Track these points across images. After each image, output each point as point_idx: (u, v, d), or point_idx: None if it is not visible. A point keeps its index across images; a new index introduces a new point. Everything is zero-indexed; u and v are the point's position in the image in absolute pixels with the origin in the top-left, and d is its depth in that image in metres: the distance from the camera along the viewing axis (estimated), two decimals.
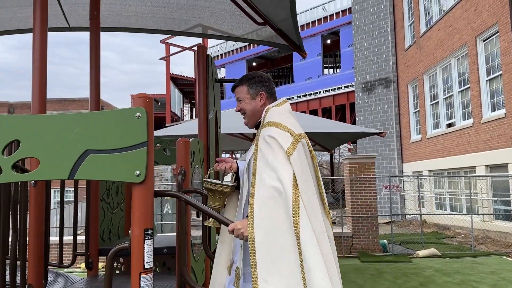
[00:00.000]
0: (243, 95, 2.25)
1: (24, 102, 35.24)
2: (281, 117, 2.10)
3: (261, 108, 2.22)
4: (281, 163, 1.90)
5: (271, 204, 1.82)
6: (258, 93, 2.24)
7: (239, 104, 2.28)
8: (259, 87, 2.25)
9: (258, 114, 2.23)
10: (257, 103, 2.23)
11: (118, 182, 3.35)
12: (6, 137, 1.48)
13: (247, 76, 2.31)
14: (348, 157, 8.49)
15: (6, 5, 4.25)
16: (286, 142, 1.95)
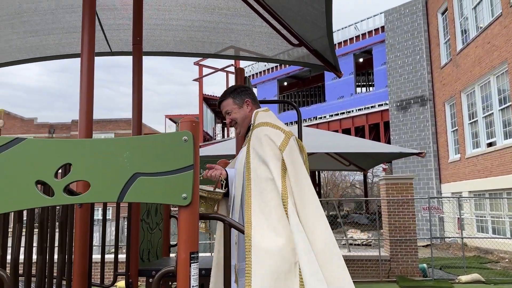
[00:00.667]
0: (230, 107, 2.42)
1: (64, 123, 36.69)
2: (271, 119, 2.31)
3: (249, 114, 2.40)
4: (271, 157, 2.03)
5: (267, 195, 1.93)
6: (244, 101, 2.42)
7: (228, 117, 2.43)
8: (243, 95, 2.43)
9: (248, 120, 2.40)
10: (245, 110, 2.41)
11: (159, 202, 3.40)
12: (59, 161, 1.53)
13: (229, 89, 2.49)
14: (385, 177, 8.30)
15: (53, 32, 4.47)
16: (279, 139, 2.11)
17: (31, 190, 1.52)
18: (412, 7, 19.00)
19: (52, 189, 1.52)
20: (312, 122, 23.80)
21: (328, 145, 5.93)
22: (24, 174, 1.53)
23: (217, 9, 4.16)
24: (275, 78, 27.63)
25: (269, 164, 2.01)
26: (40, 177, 1.52)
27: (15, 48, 4.60)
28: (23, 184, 1.52)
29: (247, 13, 4.17)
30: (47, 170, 1.53)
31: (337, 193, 44.18)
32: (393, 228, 8.33)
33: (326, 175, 42.25)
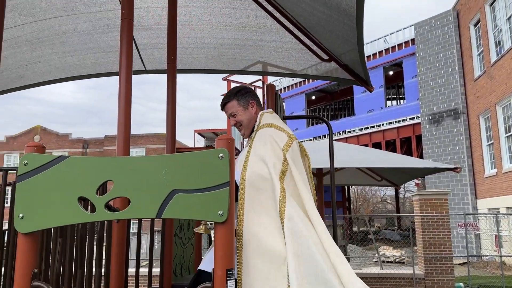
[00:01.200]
0: (235, 109, 2.36)
1: (97, 138, 37.75)
2: (275, 121, 2.29)
3: (255, 115, 2.36)
4: (271, 157, 2.00)
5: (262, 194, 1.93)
6: (249, 103, 2.37)
7: (233, 119, 2.39)
8: (248, 97, 2.38)
9: (253, 122, 2.36)
10: (250, 112, 2.36)
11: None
12: (100, 178, 1.59)
13: (233, 91, 2.42)
14: (419, 192, 8.10)
15: (90, 51, 4.66)
16: (282, 141, 2.10)
17: (73, 206, 1.57)
18: (443, 19, 18.71)
19: (94, 205, 1.57)
20: (341, 136, 23.57)
21: (360, 160, 5.85)
22: (67, 190, 1.59)
23: (247, 27, 4.23)
24: (303, 92, 27.62)
25: (268, 164, 1.98)
26: (83, 193, 1.58)
27: (54, 67, 4.81)
28: (66, 200, 1.58)
29: (277, 30, 4.22)
30: (89, 186, 1.58)
31: (368, 209, 43.33)
32: (428, 246, 8.09)
33: (356, 190, 41.59)
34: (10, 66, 4.77)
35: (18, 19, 4.32)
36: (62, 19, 4.29)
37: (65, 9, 4.19)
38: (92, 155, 36.31)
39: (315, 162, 6.08)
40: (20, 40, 4.53)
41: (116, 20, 4.27)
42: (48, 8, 4.18)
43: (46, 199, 1.58)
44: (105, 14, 4.21)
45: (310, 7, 3.53)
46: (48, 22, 4.33)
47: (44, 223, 1.59)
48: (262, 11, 4.04)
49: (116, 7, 4.16)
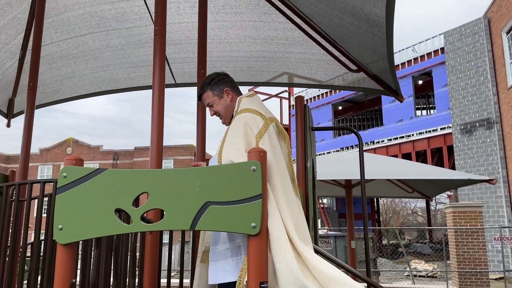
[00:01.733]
0: (210, 99, 2.35)
1: (127, 150, 38.55)
2: (253, 104, 2.23)
3: (231, 103, 2.33)
4: (244, 145, 1.96)
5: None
6: (223, 91, 2.34)
7: (211, 109, 2.37)
8: (221, 85, 2.36)
9: (231, 109, 2.32)
10: (226, 100, 2.34)
11: None
12: (136, 190, 1.62)
13: (206, 81, 2.41)
14: (452, 205, 7.86)
15: (122, 66, 4.79)
16: (257, 127, 2.06)
17: (110, 218, 1.61)
18: (474, 27, 18.30)
19: (130, 217, 1.61)
20: (370, 147, 23.23)
21: (391, 171, 5.75)
22: (104, 202, 1.63)
23: (275, 39, 4.27)
24: (330, 103, 27.45)
25: (242, 152, 1.92)
26: (119, 205, 1.62)
27: (88, 82, 4.97)
28: (103, 212, 1.62)
29: (305, 42, 4.23)
30: (125, 198, 1.62)
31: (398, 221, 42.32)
32: (462, 260, 7.83)
33: (386, 202, 40.75)
34: (46, 81, 4.96)
35: (55, 36, 4.50)
36: (96, 35, 4.44)
37: (99, 26, 4.34)
38: (122, 166, 37.07)
39: (344, 174, 6.02)
40: (56, 56, 4.71)
41: (148, 36, 4.39)
42: (83, 25, 4.34)
43: (84, 211, 1.63)
44: (137, 30, 4.34)
45: (338, 19, 3.54)
46: (82, 38, 4.49)
47: (82, 234, 1.64)
48: (290, 24, 4.07)
49: (147, 23, 4.28)
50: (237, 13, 4.08)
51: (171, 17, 4.18)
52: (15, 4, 4.13)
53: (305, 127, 3.13)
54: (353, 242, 6.05)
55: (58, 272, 1.62)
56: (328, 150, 24.68)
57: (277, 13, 4.00)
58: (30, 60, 4.31)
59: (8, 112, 5.15)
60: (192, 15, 4.14)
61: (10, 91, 4.99)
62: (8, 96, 5.04)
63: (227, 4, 4.02)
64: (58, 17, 4.33)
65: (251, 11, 4.05)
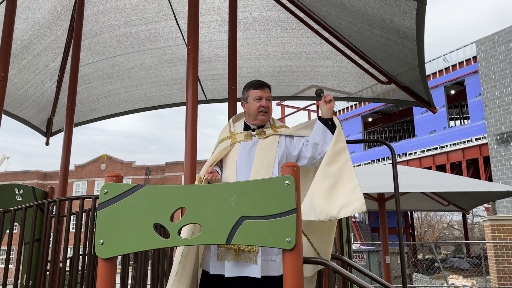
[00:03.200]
0: (270, 96, 2.57)
1: (158, 165, 39.27)
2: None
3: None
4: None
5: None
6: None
7: (268, 103, 2.53)
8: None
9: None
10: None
11: None
12: (174, 205, 1.67)
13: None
14: (490, 218, 7.58)
15: (155, 84, 4.94)
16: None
17: (149, 233, 1.66)
18: (507, 34, 17.81)
19: (168, 232, 1.65)
20: (402, 159, 22.76)
21: (426, 184, 5.61)
22: (143, 217, 1.68)
23: (304, 54, 4.31)
24: (359, 115, 27.15)
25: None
26: (158, 220, 1.67)
27: (123, 100, 5.14)
28: (142, 227, 1.67)
29: (333, 55, 4.25)
30: (164, 213, 1.67)
31: (433, 235, 41.03)
32: (502, 275, 7.50)
33: (420, 215, 39.63)
34: (83, 100, 5.16)
35: (91, 57, 4.69)
36: (130, 56, 4.61)
37: (133, 46, 4.50)
38: (154, 181, 37.72)
39: (376, 187, 5.92)
40: (92, 76, 4.91)
41: (180, 55, 4.51)
42: (117, 46, 4.52)
43: (124, 226, 1.69)
44: (170, 49, 4.48)
45: (367, 32, 3.54)
46: (117, 58, 4.67)
47: (123, 249, 1.69)
48: (318, 38, 4.11)
49: (179, 42, 4.41)
50: (266, 30, 4.15)
51: (202, 36, 4.29)
52: (54, 28, 4.35)
53: None
54: (387, 257, 5.91)
55: (100, 285, 1.67)
56: (358, 163, 24.35)
57: (305, 28, 4.05)
58: (68, 80, 4.52)
59: (47, 131, 5.38)
60: (222, 33, 4.24)
61: (49, 111, 5.22)
62: (47, 116, 5.27)
63: (256, 22, 4.10)
64: (94, 39, 4.53)
65: (279, 27, 4.11)
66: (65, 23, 4.36)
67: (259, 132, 2.49)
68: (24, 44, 4.27)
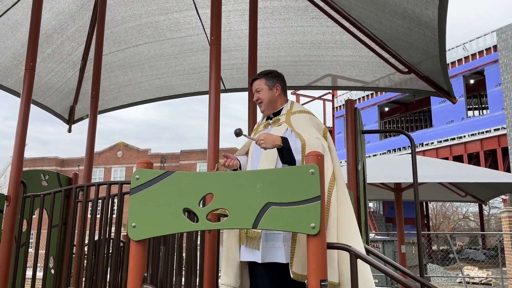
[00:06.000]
0: (261, 86, 2.61)
1: (173, 153, 39.65)
2: (306, 110, 2.61)
3: (277, 98, 2.61)
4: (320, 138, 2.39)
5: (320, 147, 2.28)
6: (274, 85, 2.61)
7: (257, 94, 2.62)
8: (275, 80, 2.63)
9: (274, 103, 2.61)
10: (273, 93, 2.60)
11: None
12: (202, 191, 1.74)
13: (264, 71, 2.69)
14: (508, 209, 7.53)
15: (175, 74, 5.00)
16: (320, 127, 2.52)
17: (179, 217, 1.74)
18: None
19: (196, 216, 1.73)
20: (419, 149, 22.53)
21: (443, 174, 5.60)
22: (173, 202, 1.76)
23: (323, 43, 4.31)
24: (375, 104, 26.91)
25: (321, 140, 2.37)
26: (187, 205, 1.75)
27: (143, 89, 5.23)
28: (173, 211, 1.75)
29: (353, 45, 4.25)
30: (193, 199, 1.74)
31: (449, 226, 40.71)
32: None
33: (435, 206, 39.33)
34: (105, 89, 5.26)
35: (113, 47, 4.77)
36: (151, 45, 4.67)
37: (154, 36, 4.57)
38: (168, 169, 38.15)
39: (394, 177, 5.93)
40: (114, 65, 5.00)
41: (199, 44, 4.57)
42: (139, 35, 4.59)
43: (155, 210, 1.77)
44: (190, 39, 4.53)
45: (388, 21, 3.54)
46: (138, 48, 4.74)
47: (154, 232, 1.78)
48: (338, 28, 4.11)
49: (199, 32, 4.46)
50: (285, 19, 4.17)
51: (222, 25, 4.33)
52: (78, 17, 4.44)
53: (355, 131, 3.16)
54: (403, 246, 5.94)
55: (132, 266, 1.76)
56: (374, 153, 24.21)
57: (325, 18, 4.06)
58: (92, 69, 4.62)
59: (69, 119, 5.50)
60: (241, 23, 4.27)
61: (71, 99, 5.33)
62: (69, 104, 5.40)
63: (276, 11, 4.12)
64: (115, 29, 4.60)
65: (299, 17, 4.12)
66: (87, 12, 4.44)
67: (274, 120, 2.60)
68: (48, 33, 4.37)
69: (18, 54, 4.43)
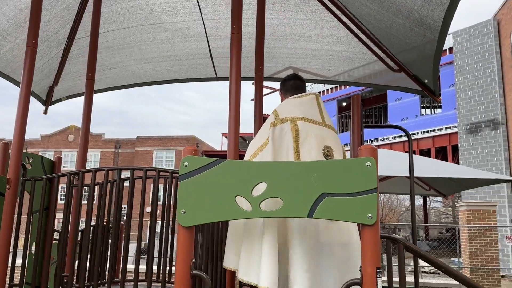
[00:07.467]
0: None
1: (129, 139, 38.59)
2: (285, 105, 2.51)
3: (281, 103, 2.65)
4: (255, 142, 2.38)
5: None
6: (280, 93, 2.74)
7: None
8: (281, 88, 2.74)
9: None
10: (282, 99, 2.70)
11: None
12: (255, 179, 1.76)
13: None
14: (467, 203, 8.06)
15: (166, 59, 4.90)
16: (267, 126, 2.42)
17: (231, 204, 1.75)
18: (483, 28, 18.44)
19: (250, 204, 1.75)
20: (373, 144, 23.42)
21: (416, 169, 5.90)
22: (224, 190, 1.77)
23: (320, 37, 4.39)
24: (335, 99, 27.59)
25: (251, 149, 2.36)
26: (239, 193, 1.76)
27: (130, 73, 5.08)
28: (224, 199, 1.76)
29: (349, 41, 4.36)
30: (245, 187, 1.76)
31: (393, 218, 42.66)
32: (474, 257, 8.03)
33: (383, 199, 41.05)
34: None
35: (102, 27, 4.59)
36: (143, 28, 4.54)
37: (148, 19, 4.44)
38: (123, 155, 37.14)
39: None
40: (101, 46, 4.80)
41: (195, 30, 4.50)
42: (131, 17, 4.45)
43: (205, 197, 1.77)
44: (185, 24, 4.45)
45: (390, 20, 3.66)
46: (130, 30, 4.59)
47: (205, 218, 1.78)
48: (336, 23, 4.19)
49: (196, 18, 4.39)
50: (285, 11, 4.20)
51: (221, 13, 4.29)
52: None
53: (361, 124, 3.27)
54: None
55: (181, 252, 1.76)
56: None
57: (325, 12, 4.12)
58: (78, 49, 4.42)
59: (46, 100, 5.25)
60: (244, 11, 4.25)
61: (51, 79, 5.09)
62: (49, 84, 5.14)
63: (277, 2, 4.14)
64: (107, 9, 4.43)
65: (299, 9, 4.16)
66: None
67: None
68: None
69: (2, 30, 4.17)
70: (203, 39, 4.54)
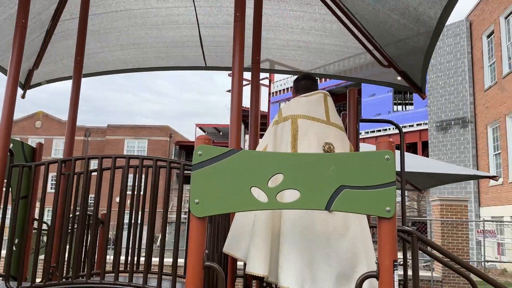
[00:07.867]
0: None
1: (99, 127, 37.66)
2: (290, 104, 2.59)
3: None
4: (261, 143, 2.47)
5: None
6: (292, 92, 2.83)
7: None
8: (293, 87, 2.83)
9: None
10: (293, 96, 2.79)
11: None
12: (271, 170, 1.74)
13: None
14: (440, 198, 8.32)
15: (155, 45, 4.78)
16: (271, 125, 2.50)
17: (247, 195, 1.72)
18: (456, 28, 18.95)
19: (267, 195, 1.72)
20: None
21: None
22: (239, 180, 1.74)
23: (313, 30, 4.38)
24: None
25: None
26: (255, 184, 1.73)
27: (116, 58, 4.93)
28: (239, 189, 1.73)
29: (341, 35, 4.37)
30: (261, 178, 1.73)
31: None
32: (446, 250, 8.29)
33: None
34: (71, 55, 4.86)
35: (89, 10, 4.41)
36: (132, 12, 4.41)
37: (137, 3, 4.31)
38: (94, 143, 36.25)
39: None
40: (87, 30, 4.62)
41: (186, 17, 4.40)
42: (121, 0, 4.30)
43: (219, 187, 1.73)
44: (177, 10, 4.34)
45: (385, 16, 3.68)
46: (118, 14, 4.45)
47: (218, 209, 1.74)
48: (330, 16, 4.19)
49: (188, 4, 4.29)
50: (279, 2, 4.15)
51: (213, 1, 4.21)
52: None
53: (357, 118, 3.29)
54: None
55: (194, 243, 1.72)
56: None
57: (319, 5, 4.11)
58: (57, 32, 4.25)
59: (25, 83, 5.03)
60: None
61: (31, 62, 4.87)
62: (28, 67, 4.92)
63: None
64: None
65: (294, 1, 4.13)
66: None
67: None
68: None
69: None
70: (194, 26, 4.44)
